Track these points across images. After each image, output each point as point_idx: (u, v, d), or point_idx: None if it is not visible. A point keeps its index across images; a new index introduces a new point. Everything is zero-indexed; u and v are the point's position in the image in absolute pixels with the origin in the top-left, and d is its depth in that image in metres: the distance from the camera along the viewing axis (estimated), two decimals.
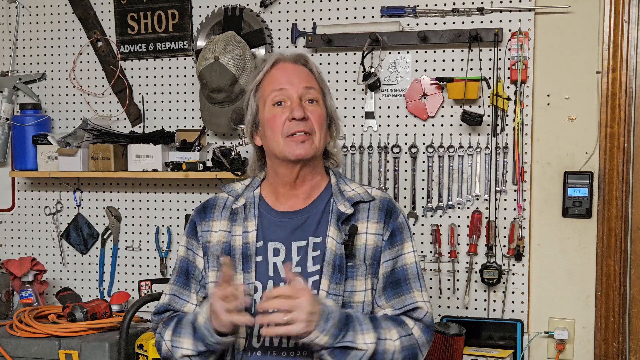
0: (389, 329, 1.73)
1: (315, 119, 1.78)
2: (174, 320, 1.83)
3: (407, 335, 1.74)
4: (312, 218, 1.81)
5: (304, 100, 1.78)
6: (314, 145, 1.77)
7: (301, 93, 1.78)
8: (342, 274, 1.75)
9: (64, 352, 2.52)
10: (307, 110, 1.77)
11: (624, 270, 2.61)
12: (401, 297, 1.78)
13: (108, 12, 3.07)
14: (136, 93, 3.07)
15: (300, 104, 1.77)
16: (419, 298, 1.79)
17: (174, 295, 1.87)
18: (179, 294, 1.87)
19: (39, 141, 2.98)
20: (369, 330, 1.70)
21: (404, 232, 1.83)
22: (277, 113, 1.77)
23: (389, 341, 1.71)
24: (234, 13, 2.89)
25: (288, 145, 1.76)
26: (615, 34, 2.57)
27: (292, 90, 1.78)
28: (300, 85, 1.78)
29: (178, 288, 1.87)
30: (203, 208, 1.90)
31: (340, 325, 1.67)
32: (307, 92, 1.79)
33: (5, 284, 3.00)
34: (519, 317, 2.68)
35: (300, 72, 1.81)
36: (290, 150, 1.76)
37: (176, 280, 1.89)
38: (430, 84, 2.71)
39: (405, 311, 1.78)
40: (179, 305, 1.86)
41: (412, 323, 1.76)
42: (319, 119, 1.79)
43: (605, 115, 2.59)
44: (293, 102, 1.77)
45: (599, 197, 2.61)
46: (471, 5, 2.68)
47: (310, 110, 1.78)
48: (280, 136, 1.76)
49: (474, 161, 2.70)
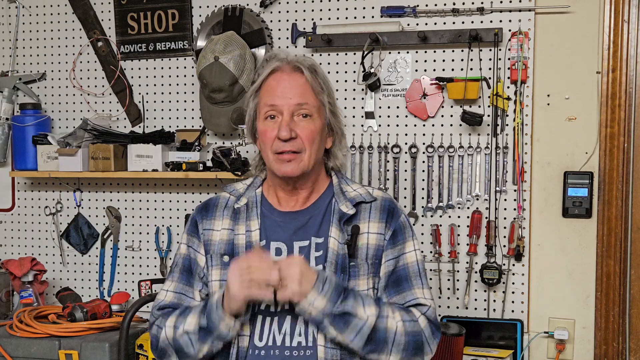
0: (392, 310, 1.73)
1: (305, 135, 1.76)
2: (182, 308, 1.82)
3: (411, 321, 1.74)
4: (314, 218, 1.81)
5: (297, 115, 1.77)
6: (302, 164, 1.77)
7: (293, 109, 1.77)
8: (344, 273, 1.75)
9: (64, 352, 2.52)
10: (298, 127, 1.76)
11: (624, 270, 2.61)
12: (402, 294, 1.78)
13: (108, 12, 3.07)
14: (136, 93, 3.07)
15: (289, 122, 1.75)
16: (420, 294, 1.79)
17: (181, 293, 1.86)
18: (185, 292, 1.86)
19: (39, 141, 2.98)
20: (370, 304, 1.71)
21: (406, 232, 1.83)
22: (269, 128, 1.77)
23: (391, 319, 1.71)
24: (234, 13, 2.89)
25: (276, 162, 1.77)
26: (615, 34, 2.57)
27: (284, 106, 1.76)
28: (293, 100, 1.76)
29: (183, 286, 1.87)
30: (205, 207, 1.91)
31: (338, 290, 1.68)
32: (299, 108, 1.77)
33: (5, 284, 3.00)
34: (519, 317, 2.68)
35: (296, 85, 1.78)
36: (278, 168, 1.77)
37: (180, 278, 1.88)
38: (430, 84, 2.71)
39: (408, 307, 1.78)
40: (186, 304, 1.86)
41: (418, 313, 1.76)
42: (310, 135, 1.77)
43: (605, 115, 2.59)
44: (282, 120, 1.76)
45: (599, 197, 2.61)
46: (471, 5, 2.68)
47: (301, 126, 1.77)
48: (270, 151, 1.78)
49: (474, 161, 2.70)
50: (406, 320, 1.73)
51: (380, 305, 1.73)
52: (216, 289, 1.80)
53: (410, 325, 1.73)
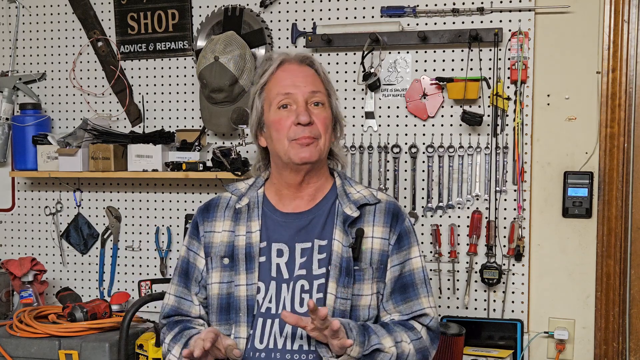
0: (400, 333, 1.75)
1: (320, 122, 1.77)
2: (178, 326, 1.84)
3: (417, 339, 1.76)
4: (317, 220, 1.80)
5: (310, 103, 1.78)
6: (318, 148, 1.77)
7: (307, 97, 1.77)
8: (349, 277, 1.75)
9: (64, 352, 2.52)
10: (313, 114, 1.77)
11: (624, 270, 2.61)
12: (409, 303, 1.79)
13: (108, 12, 3.06)
14: (136, 93, 3.06)
15: (306, 108, 1.76)
16: (426, 304, 1.80)
17: (180, 297, 1.87)
18: (184, 295, 1.87)
19: (39, 141, 2.98)
20: (384, 335, 1.72)
21: (411, 237, 1.83)
22: (283, 116, 1.77)
23: (404, 343, 1.73)
24: (234, 13, 2.89)
25: (293, 148, 1.75)
26: (615, 34, 2.57)
27: (298, 94, 1.77)
28: (307, 88, 1.77)
29: (182, 289, 1.88)
30: (206, 208, 1.90)
31: (361, 332, 1.68)
32: (313, 95, 1.78)
33: (5, 284, 3.00)
34: (519, 317, 2.68)
35: (306, 74, 1.80)
36: (296, 153, 1.75)
37: (179, 282, 1.89)
38: (430, 84, 2.71)
39: (414, 317, 1.79)
40: (186, 307, 1.86)
41: (419, 327, 1.79)
42: (324, 122, 1.78)
43: (605, 115, 2.59)
44: (299, 107, 1.76)
45: (599, 197, 2.61)
46: (471, 5, 2.68)
47: (316, 113, 1.77)
48: (285, 139, 1.76)
49: (474, 161, 2.70)
50: (414, 339, 1.76)
51: (391, 331, 1.73)
52: (215, 292, 1.80)
53: (417, 343, 1.76)
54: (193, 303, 1.86)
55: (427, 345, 1.78)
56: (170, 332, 1.84)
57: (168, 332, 1.84)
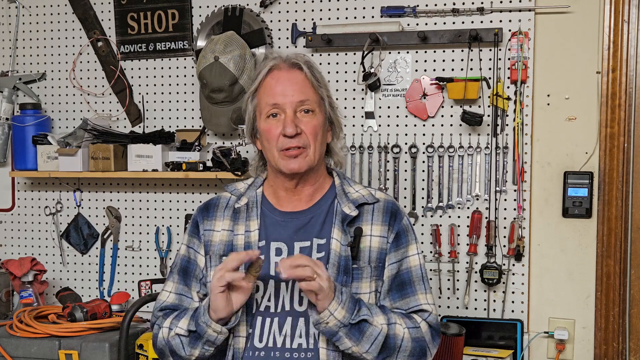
0: (396, 317, 1.74)
1: (309, 131, 1.77)
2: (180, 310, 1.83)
3: (415, 327, 1.75)
4: (316, 219, 1.81)
5: (299, 111, 1.77)
6: (308, 158, 1.77)
7: (295, 106, 1.76)
8: (347, 275, 1.75)
9: (64, 352, 2.52)
10: (301, 123, 1.76)
11: (624, 270, 2.61)
12: (406, 299, 1.79)
13: (108, 12, 3.07)
14: (136, 93, 3.07)
15: (293, 118, 1.75)
16: (423, 300, 1.79)
17: (180, 294, 1.87)
18: (184, 293, 1.87)
19: (39, 141, 2.98)
20: (378, 313, 1.71)
21: (409, 235, 1.83)
22: (272, 125, 1.77)
23: (398, 326, 1.72)
24: (234, 13, 2.89)
25: (282, 159, 1.76)
26: (615, 34, 2.57)
27: (286, 104, 1.76)
28: (294, 97, 1.76)
29: (182, 287, 1.88)
30: (206, 207, 1.91)
31: (353, 300, 1.68)
32: (301, 104, 1.77)
33: (5, 284, 3.00)
34: (519, 317, 2.68)
35: (296, 81, 1.78)
36: (285, 164, 1.76)
37: (178, 280, 1.89)
38: (430, 84, 2.71)
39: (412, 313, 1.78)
40: (186, 304, 1.86)
41: (419, 319, 1.77)
42: (313, 130, 1.77)
43: (605, 115, 2.59)
44: (287, 117, 1.76)
45: (599, 197, 2.61)
46: (471, 5, 2.68)
47: (304, 122, 1.77)
48: (275, 149, 1.77)
49: (474, 161, 2.70)
50: (410, 326, 1.74)
51: (386, 312, 1.73)
52: None
53: (414, 331, 1.74)
54: (193, 300, 1.86)
55: (426, 338, 1.75)
56: (169, 317, 1.81)
57: (167, 318, 1.82)
